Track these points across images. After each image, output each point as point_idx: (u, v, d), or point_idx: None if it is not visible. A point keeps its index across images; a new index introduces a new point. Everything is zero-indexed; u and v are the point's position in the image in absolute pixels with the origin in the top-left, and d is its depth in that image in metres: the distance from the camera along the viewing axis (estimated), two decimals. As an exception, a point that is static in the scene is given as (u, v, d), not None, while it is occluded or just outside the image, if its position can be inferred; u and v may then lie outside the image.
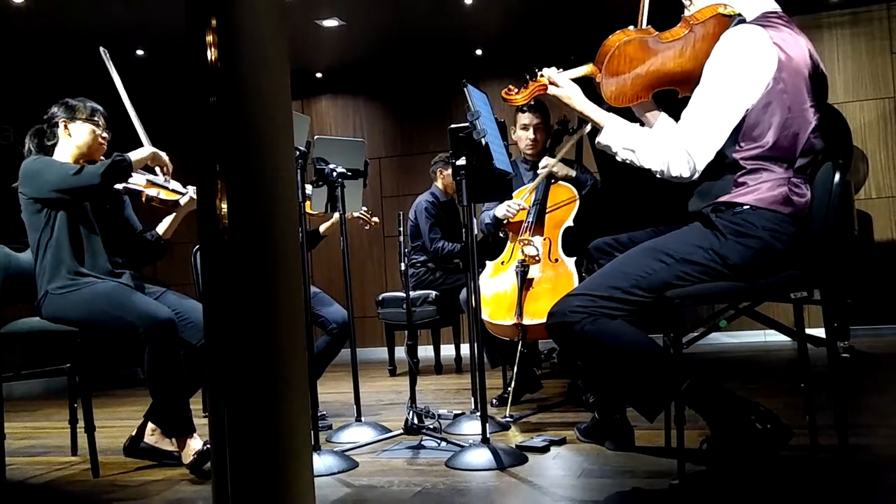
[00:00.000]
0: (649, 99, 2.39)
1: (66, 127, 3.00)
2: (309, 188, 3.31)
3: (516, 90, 2.43)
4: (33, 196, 2.90)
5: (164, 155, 3.04)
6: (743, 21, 2.27)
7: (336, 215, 3.81)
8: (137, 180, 3.09)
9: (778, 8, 2.30)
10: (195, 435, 2.82)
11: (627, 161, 2.28)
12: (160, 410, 2.87)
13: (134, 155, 2.92)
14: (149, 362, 2.74)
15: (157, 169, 3.09)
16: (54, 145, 3.01)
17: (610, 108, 2.36)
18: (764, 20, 2.23)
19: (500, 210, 3.91)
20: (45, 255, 2.90)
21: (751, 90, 2.16)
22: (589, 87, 2.38)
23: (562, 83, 2.39)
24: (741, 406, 2.20)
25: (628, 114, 2.42)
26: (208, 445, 2.70)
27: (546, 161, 3.96)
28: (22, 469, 3.14)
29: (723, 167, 2.22)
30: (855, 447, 2.40)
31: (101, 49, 3.27)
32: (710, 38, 2.26)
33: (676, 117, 2.31)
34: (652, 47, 2.28)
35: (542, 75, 2.42)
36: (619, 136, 2.29)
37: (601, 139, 2.32)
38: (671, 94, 2.39)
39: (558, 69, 2.43)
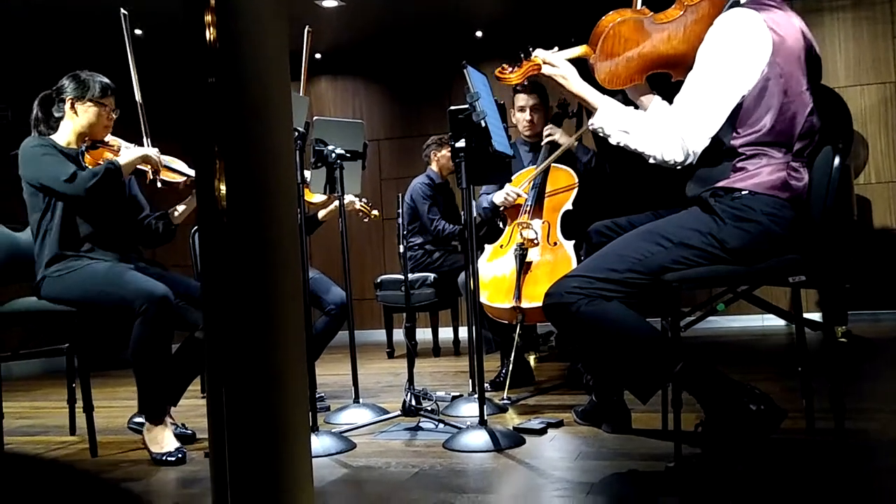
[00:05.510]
0: (643, 82, 2.38)
1: (72, 106, 2.92)
2: (308, 174, 3.30)
3: (510, 69, 2.41)
4: (27, 181, 2.88)
5: (154, 155, 2.95)
6: (737, 3, 2.25)
7: (335, 203, 3.80)
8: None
9: None
10: (167, 422, 2.78)
11: (621, 144, 2.25)
12: (139, 389, 2.78)
13: (124, 158, 2.88)
14: (137, 337, 2.68)
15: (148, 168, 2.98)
16: (61, 118, 2.95)
17: (604, 91, 2.34)
18: (757, 3, 2.21)
19: (499, 197, 3.89)
20: (45, 239, 2.87)
21: (746, 76, 2.14)
22: (583, 69, 2.37)
23: (556, 63, 2.36)
24: (734, 388, 2.20)
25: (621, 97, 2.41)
26: (183, 450, 2.70)
27: (550, 129, 3.96)
28: (20, 448, 3.15)
29: (721, 153, 2.21)
30: (851, 431, 2.40)
31: (122, 12, 3.09)
32: (703, 20, 2.25)
33: (670, 101, 2.29)
34: (646, 28, 2.27)
35: (536, 55, 2.40)
36: (613, 119, 2.25)
37: (594, 121, 2.29)
38: (665, 79, 2.38)
39: (553, 50, 2.41)
